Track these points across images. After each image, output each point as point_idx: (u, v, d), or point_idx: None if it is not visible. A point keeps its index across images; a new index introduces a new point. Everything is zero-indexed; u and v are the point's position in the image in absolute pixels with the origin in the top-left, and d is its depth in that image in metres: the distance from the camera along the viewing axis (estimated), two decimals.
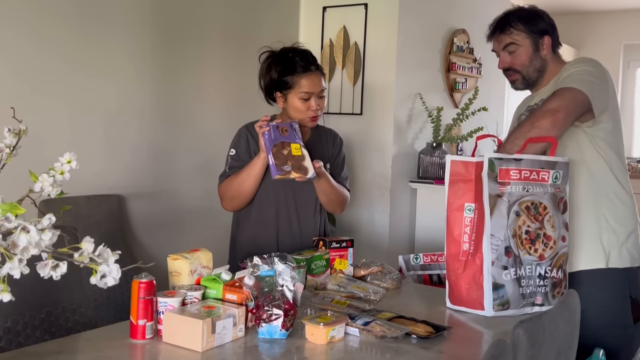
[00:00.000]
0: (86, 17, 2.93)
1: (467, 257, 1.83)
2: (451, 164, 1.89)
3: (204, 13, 3.50)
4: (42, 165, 1.30)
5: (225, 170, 2.28)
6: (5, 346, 1.62)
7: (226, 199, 2.27)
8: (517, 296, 1.83)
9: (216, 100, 3.61)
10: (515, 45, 2.16)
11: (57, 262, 1.12)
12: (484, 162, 1.82)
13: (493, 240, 1.80)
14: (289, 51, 2.28)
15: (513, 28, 2.15)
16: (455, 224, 1.87)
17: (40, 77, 2.77)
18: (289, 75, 2.23)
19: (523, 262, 1.84)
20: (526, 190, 1.86)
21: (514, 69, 2.20)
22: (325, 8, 4.12)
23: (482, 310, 1.81)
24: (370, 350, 1.53)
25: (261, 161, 2.16)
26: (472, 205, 1.83)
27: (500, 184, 1.83)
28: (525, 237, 1.85)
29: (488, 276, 1.80)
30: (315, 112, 2.25)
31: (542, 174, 1.88)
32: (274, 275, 1.62)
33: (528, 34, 2.15)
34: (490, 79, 4.91)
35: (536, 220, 1.87)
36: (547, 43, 2.15)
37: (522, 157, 1.86)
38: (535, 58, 2.16)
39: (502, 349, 1.18)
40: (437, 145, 4.09)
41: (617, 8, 7.17)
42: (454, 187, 1.88)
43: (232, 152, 2.29)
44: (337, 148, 2.44)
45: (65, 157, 1.24)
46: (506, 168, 1.83)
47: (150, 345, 1.50)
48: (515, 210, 1.83)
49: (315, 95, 2.24)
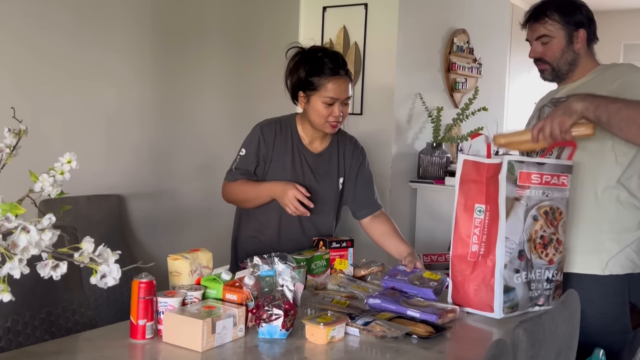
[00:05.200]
0: (86, 18, 2.93)
1: (477, 259, 1.80)
2: (463, 163, 1.85)
3: (203, 13, 3.50)
4: (42, 165, 1.30)
5: (232, 168, 2.25)
6: (5, 346, 1.62)
7: (226, 198, 2.28)
8: (525, 299, 1.82)
9: (216, 100, 3.61)
10: (549, 37, 2.07)
11: (57, 262, 1.11)
12: (503, 164, 1.77)
13: (507, 243, 1.77)
14: (319, 51, 2.19)
15: (548, 18, 2.06)
16: (463, 224, 1.83)
17: (40, 77, 2.77)
18: (316, 76, 2.13)
19: (534, 265, 1.82)
20: (546, 195, 1.82)
21: (545, 60, 2.10)
22: (325, 8, 4.12)
23: (490, 313, 1.79)
24: (370, 350, 1.53)
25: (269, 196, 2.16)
26: (483, 207, 1.79)
27: (520, 187, 1.78)
28: (539, 241, 1.82)
29: (500, 279, 1.77)
30: (336, 119, 2.16)
31: (562, 178, 1.85)
32: (274, 275, 1.62)
33: (563, 25, 2.05)
34: (490, 79, 4.91)
35: (552, 225, 1.84)
36: (582, 36, 2.06)
37: (545, 161, 1.83)
38: (567, 51, 2.07)
39: (502, 349, 1.18)
40: (437, 145, 4.09)
41: (617, 8, 7.17)
42: (464, 187, 1.84)
43: (242, 152, 2.24)
44: (360, 160, 2.34)
45: (65, 157, 1.24)
46: (527, 172, 1.79)
47: (150, 345, 1.50)
48: (533, 214, 1.80)
49: (340, 101, 2.14)
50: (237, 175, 2.23)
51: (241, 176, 2.22)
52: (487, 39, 4.79)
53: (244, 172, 2.23)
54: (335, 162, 2.31)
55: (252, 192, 2.20)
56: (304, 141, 2.27)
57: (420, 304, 1.78)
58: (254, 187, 2.20)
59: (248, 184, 2.21)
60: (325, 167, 2.29)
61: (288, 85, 2.23)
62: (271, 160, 2.23)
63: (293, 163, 2.23)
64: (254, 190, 2.20)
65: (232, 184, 2.23)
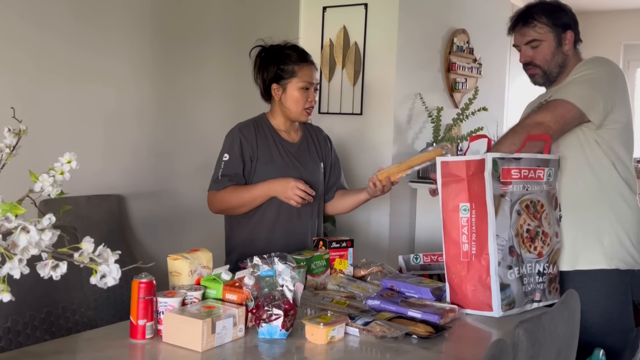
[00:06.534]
0: (86, 18, 2.92)
1: (470, 259, 1.81)
2: (441, 165, 1.86)
3: (203, 14, 3.51)
4: (42, 165, 1.30)
5: (217, 176, 2.23)
6: (5, 346, 1.62)
7: (215, 208, 2.26)
8: (520, 295, 1.83)
9: (216, 100, 3.61)
10: (538, 40, 2.08)
11: (57, 262, 1.11)
12: (487, 161, 1.79)
13: (498, 240, 1.78)
14: (281, 45, 2.30)
15: (537, 21, 2.08)
16: (452, 225, 1.84)
17: (40, 77, 2.77)
18: (288, 65, 2.23)
19: (524, 260, 1.84)
20: (526, 189, 1.85)
21: (535, 63, 2.12)
22: (325, 8, 4.12)
23: (490, 312, 1.79)
24: (370, 350, 1.53)
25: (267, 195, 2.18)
26: (467, 205, 1.81)
27: (503, 184, 1.81)
28: (526, 235, 1.84)
29: (495, 277, 1.77)
30: (311, 105, 2.27)
31: (538, 172, 1.88)
32: (274, 275, 1.62)
33: (551, 28, 2.08)
34: (490, 79, 4.91)
35: (535, 218, 1.86)
36: (569, 38, 2.09)
37: (521, 156, 1.85)
38: (557, 53, 2.09)
39: (502, 349, 1.18)
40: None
41: (617, 8, 7.17)
42: (447, 189, 1.85)
43: (225, 158, 2.24)
44: (329, 147, 2.45)
45: (65, 157, 1.24)
46: (507, 167, 1.82)
47: (150, 345, 1.50)
48: (517, 209, 1.82)
49: (313, 86, 2.26)
50: (224, 182, 2.21)
51: (229, 182, 2.21)
52: (487, 39, 4.79)
53: (233, 176, 2.22)
54: (314, 149, 2.39)
55: (247, 196, 2.20)
56: (281, 134, 2.32)
57: (420, 304, 1.78)
58: (247, 190, 2.20)
59: (240, 188, 2.21)
60: (307, 155, 2.35)
61: (259, 82, 2.31)
62: (257, 158, 2.25)
63: (280, 156, 2.27)
64: (248, 193, 2.20)
65: (221, 192, 2.21)
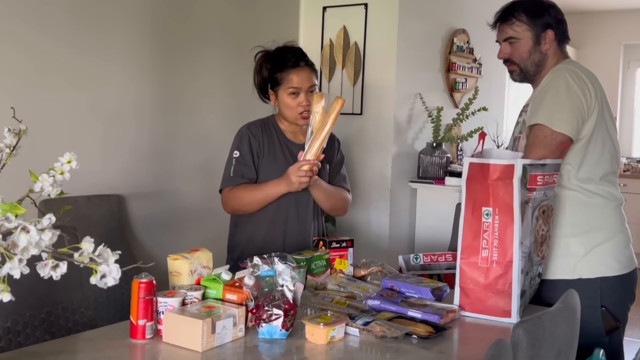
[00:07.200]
0: (86, 17, 2.92)
1: (491, 265, 1.75)
2: (469, 166, 1.79)
3: (203, 13, 3.51)
4: (42, 165, 1.30)
5: (229, 173, 2.24)
6: (5, 346, 1.62)
7: (229, 207, 2.27)
8: (528, 297, 1.83)
9: (216, 100, 3.61)
10: (515, 38, 2.09)
11: (57, 262, 1.11)
12: (516, 167, 1.72)
13: (522, 248, 1.74)
14: (282, 49, 2.30)
15: (516, 19, 2.09)
16: (471, 229, 1.78)
17: (40, 77, 2.77)
18: (279, 71, 2.24)
19: (533, 263, 1.83)
20: (545, 195, 1.82)
21: (512, 60, 2.13)
22: (325, 8, 4.12)
23: (507, 318, 1.74)
24: (370, 350, 1.53)
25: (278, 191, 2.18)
26: (490, 210, 1.75)
27: (529, 190, 1.76)
28: (539, 240, 1.83)
29: (517, 285, 1.73)
30: (304, 108, 2.24)
31: (554, 177, 1.88)
32: (274, 275, 1.61)
33: (530, 27, 2.08)
34: (490, 79, 4.91)
35: (547, 223, 1.85)
36: (549, 37, 2.08)
37: (547, 162, 1.83)
38: (534, 52, 2.09)
39: (502, 349, 1.18)
40: (437, 145, 4.09)
41: (617, 8, 7.17)
42: (471, 190, 1.79)
43: (235, 154, 2.25)
44: (336, 148, 2.45)
45: (65, 157, 1.24)
46: (534, 174, 1.78)
47: (150, 345, 1.50)
48: (535, 215, 1.79)
49: (305, 90, 2.23)
50: (237, 180, 2.23)
51: (242, 179, 2.23)
52: (487, 39, 4.76)
53: (246, 172, 2.23)
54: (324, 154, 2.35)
55: (259, 193, 2.21)
56: (287, 135, 2.33)
57: (420, 304, 1.78)
58: (259, 187, 2.22)
59: (252, 186, 2.23)
60: None
61: (256, 85, 2.33)
62: (263, 155, 2.27)
63: (284, 156, 2.28)
64: (260, 191, 2.21)
65: (235, 189, 2.23)
